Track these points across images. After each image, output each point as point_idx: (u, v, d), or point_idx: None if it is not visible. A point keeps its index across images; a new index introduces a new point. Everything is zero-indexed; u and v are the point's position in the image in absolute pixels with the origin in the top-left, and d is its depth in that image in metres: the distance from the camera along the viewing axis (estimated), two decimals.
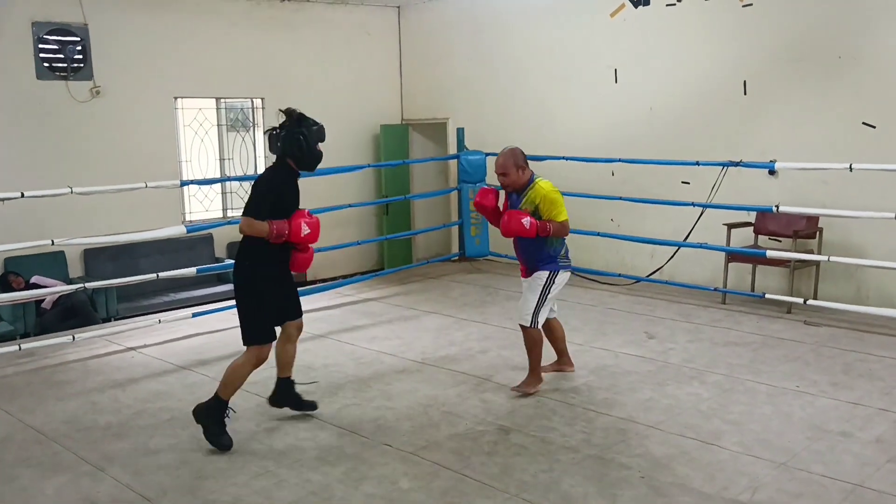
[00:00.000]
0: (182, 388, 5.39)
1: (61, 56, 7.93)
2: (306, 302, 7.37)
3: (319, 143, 4.33)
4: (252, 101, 9.61)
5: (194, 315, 6.93)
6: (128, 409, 5.00)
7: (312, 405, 4.76)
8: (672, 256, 7.96)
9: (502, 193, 5.19)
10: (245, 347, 4.32)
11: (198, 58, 8.94)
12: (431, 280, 8.82)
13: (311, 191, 8.29)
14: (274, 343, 4.42)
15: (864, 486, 3.76)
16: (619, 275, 8.22)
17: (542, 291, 5.00)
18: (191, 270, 6.82)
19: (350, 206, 8.49)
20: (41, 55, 7.82)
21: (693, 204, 7.40)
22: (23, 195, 5.81)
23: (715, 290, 7.46)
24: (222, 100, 9.38)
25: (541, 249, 5.01)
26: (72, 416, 4.91)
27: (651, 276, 8.16)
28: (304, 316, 4.69)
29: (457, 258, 9.63)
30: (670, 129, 8.14)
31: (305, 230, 4.22)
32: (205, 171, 9.26)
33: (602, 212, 8.58)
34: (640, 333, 6.46)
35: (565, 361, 5.49)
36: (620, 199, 8.03)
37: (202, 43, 8.97)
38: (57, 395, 5.28)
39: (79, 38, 8.01)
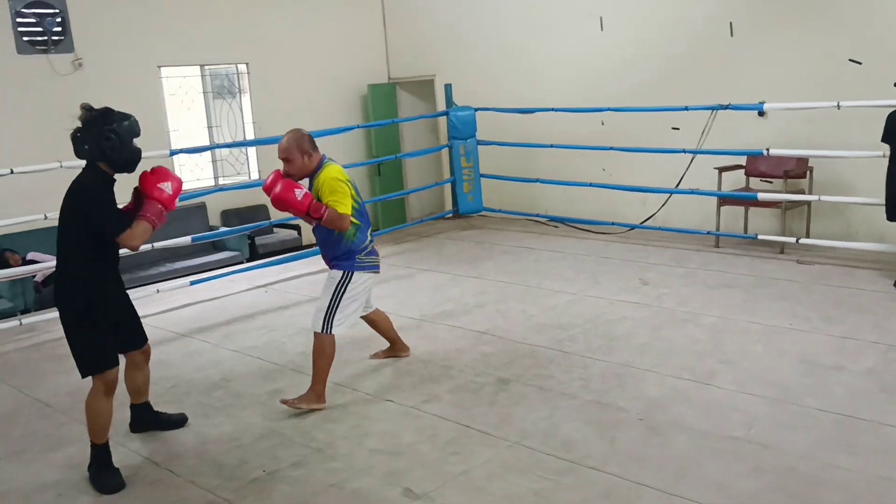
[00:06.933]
0: (183, 356, 5.45)
1: (40, 29, 7.82)
2: (303, 265, 7.50)
3: (135, 140, 3.72)
4: (237, 67, 9.52)
5: (192, 283, 6.97)
6: None
7: (182, 418, 4.32)
8: (664, 203, 7.99)
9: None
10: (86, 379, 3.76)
11: (179, 25, 8.82)
12: (426, 238, 8.84)
13: None
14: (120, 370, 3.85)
15: (856, 417, 3.84)
16: (613, 223, 8.25)
17: (335, 292, 4.35)
18: (186, 239, 6.84)
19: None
20: (20, 29, 7.72)
21: (683, 150, 7.40)
22: (12, 171, 5.84)
23: (708, 233, 7.50)
24: (206, 67, 9.29)
25: (337, 243, 4.35)
26: (75, 388, 4.92)
27: (644, 224, 8.19)
28: (306, 278, 4.63)
29: (451, 215, 9.63)
30: (658, 74, 8.09)
31: (168, 190, 3.74)
32: (193, 139, 9.21)
33: (593, 162, 8.58)
34: (634, 280, 6.52)
35: (399, 347, 5.09)
36: (611, 148, 8.00)
37: (183, 9, 8.84)
38: (60, 369, 5.32)
39: (57, 10, 7.90)
